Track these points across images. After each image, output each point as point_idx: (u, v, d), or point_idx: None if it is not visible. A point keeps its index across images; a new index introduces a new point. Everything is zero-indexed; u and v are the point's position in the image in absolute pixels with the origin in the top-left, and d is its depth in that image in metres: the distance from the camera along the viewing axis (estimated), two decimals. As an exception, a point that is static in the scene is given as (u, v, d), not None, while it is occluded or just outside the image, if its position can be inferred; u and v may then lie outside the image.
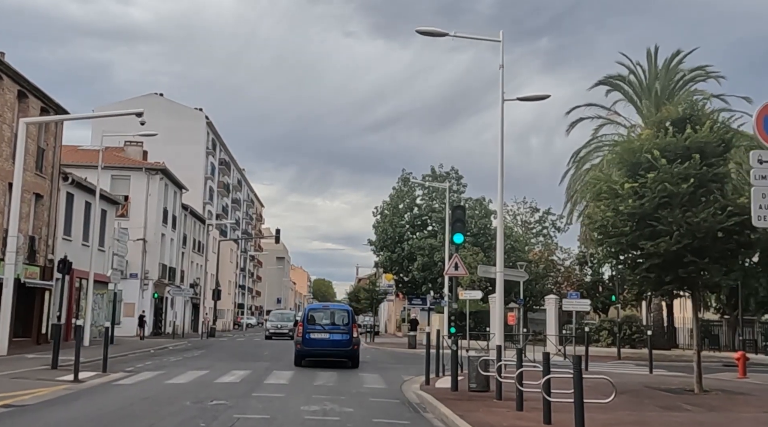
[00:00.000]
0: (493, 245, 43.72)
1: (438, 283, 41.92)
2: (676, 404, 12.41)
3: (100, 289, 33.62)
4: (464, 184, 45.87)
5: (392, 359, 25.70)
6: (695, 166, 13.60)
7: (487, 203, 45.44)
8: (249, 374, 16.96)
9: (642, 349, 33.66)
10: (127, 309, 43.58)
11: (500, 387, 12.31)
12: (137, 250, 44.12)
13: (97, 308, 34.01)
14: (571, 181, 34.74)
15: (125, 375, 16.57)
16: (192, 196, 62.57)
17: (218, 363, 20.49)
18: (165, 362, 21.24)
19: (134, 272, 44.04)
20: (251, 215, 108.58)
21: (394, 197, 45.41)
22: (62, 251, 29.65)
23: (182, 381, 15.11)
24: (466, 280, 38.64)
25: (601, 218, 14.64)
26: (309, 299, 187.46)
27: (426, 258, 41.73)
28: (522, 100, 17.84)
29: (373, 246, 45.05)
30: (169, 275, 48.38)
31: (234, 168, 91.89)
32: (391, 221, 44.08)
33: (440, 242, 41.94)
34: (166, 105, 73.09)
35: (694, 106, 15.32)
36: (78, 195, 31.43)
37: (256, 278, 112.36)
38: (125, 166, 45.11)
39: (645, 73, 33.31)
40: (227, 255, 74.32)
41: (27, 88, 25.63)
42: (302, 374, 17.30)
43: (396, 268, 44.32)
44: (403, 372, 18.83)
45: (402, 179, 46.20)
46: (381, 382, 16.09)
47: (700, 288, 14.54)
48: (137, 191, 44.62)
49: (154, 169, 45.14)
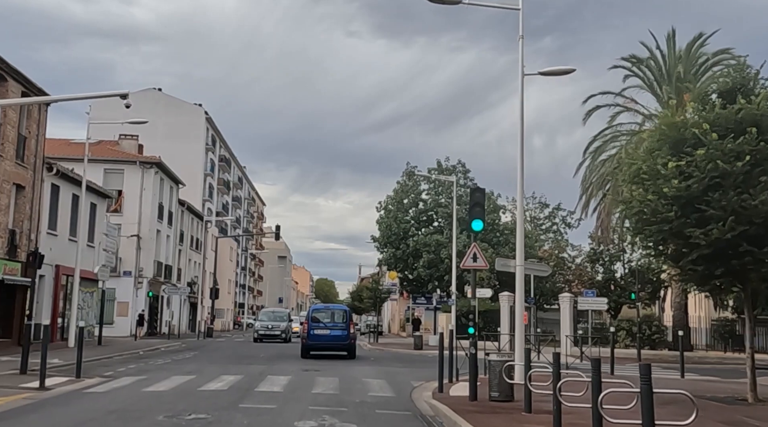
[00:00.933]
0: (502, 241, 41.95)
1: (445, 281, 39.99)
2: (737, 418, 10.57)
3: (90, 287, 31.87)
4: (471, 178, 43.97)
5: (398, 361, 23.87)
6: (751, 141, 11.76)
7: (496, 198, 43.60)
8: (240, 379, 15.16)
9: (662, 350, 31.85)
10: (121, 308, 41.85)
11: (530, 397, 10.47)
12: (131, 247, 42.39)
13: (86, 307, 32.23)
14: (586, 173, 32.87)
15: (101, 381, 14.77)
16: (191, 193, 60.97)
17: (209, 366, 18.68)
18: (151, 365, 19.45)
19: (128, 269, 42.32)
20: (252, 213, 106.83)
21: (399, 192, 43.56)
22: (47, 246, 27.91)
23: (162, 389, 13.32)
24: (474, 277, 36.78)
25: (640, 203, 12.78)
26: (311, 299, 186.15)
27: (432, 255, 39.86)
28: (544, 75, 16.04)
29: (377, 243, 43.17)
30: (165, 273, 46.63)
31: (234, 165, 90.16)
32: (395, 216, 42.23)
33: (447, 238, 40.09)
34: (164, 100, 71.50)
35: (744, 76, 13.43)
36: (64, 187, 29.65)
37: (258, 277, 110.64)
38: (118, 160, 43.37)
39: (664, 57, 31.42)
40: (227, 253, 72.56)
41: (5, 71, 23.85)
42: (300, 379, 15.50)
43: (401, 265, 42.45)
44: (412, 376, 17.03)
45: (406, 173, 44.35)
46: (388, 389, 14.28)
47: (755, 283, 12.66)
48: (131, 186, 42.89)
49: (149, 163, 43.38)
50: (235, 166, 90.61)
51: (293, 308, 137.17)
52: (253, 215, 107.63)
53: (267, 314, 42.00)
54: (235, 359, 22.41)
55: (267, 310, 47.86)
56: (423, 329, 44.94)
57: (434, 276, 40.48)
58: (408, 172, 44.30)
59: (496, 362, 12.18)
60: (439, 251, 39.52)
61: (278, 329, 38.25)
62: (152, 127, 63.29)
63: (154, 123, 67.60)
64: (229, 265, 74.41)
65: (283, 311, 45.60)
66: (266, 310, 48.08)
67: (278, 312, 43.38)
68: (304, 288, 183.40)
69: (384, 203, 44.10)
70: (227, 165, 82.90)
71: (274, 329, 38.15)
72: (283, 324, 39.03)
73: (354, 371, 18.26)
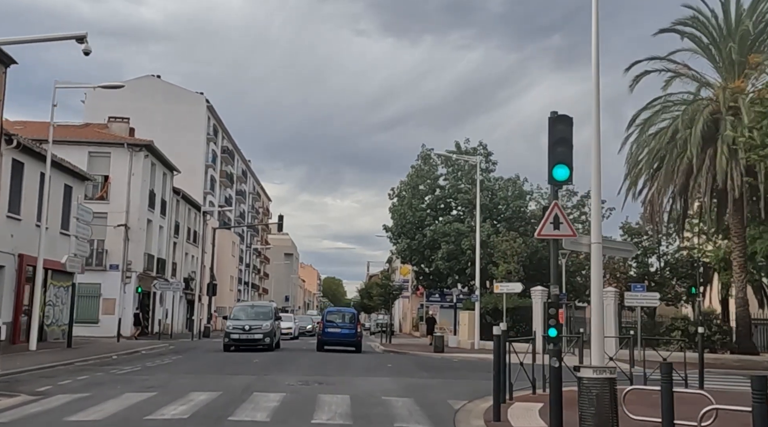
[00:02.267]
0: (530, 231, 37.61)
1: (467, 274, 35.85)
2: None
3: (63, 280, 27.86)
4: (494, 162, 39.77)
5: (420, 367, 19.67)
6: None
7: (522, 183, 39.28)
8: (214, 399, 11.00)
9: (724, 354, 27.56)
10: (107, 306, 37.83)
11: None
12: (119, 237, 38.41)
13: (60, 303, 28.22)
14: (632, 148, 28.49)
15: (24, 401, 10.70)
16: (192, 185, 57.33)
17: (181, 378, 14.53)
18: (110, 375, 15.30)
19: (115, 262, 38.32)
20: (257, 209, 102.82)
21: (414, 177, 39.29)
22: (6, 232, 23.88)
23: (94, 417, 9.19)
24: (501, 270, 32.57)
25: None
26: (319, 298, 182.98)
27: (452, 245, 35.58)
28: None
29: (390, 233, 38.91)
30: (158, 267, 42.58)
31: (238, 158, 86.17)
32: (410, 203, 37.97)
33: (469, 226, 35.88)
34: (164, 88, 67.70)
35: None
36: (31, 165, 25.58)
37: (263, 274, 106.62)
38: (104, 142, 39.32)
39: (727, 14, 27.08)
40: (228, 248, 68.53)
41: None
42: (296, 399, 11.32)
43: (416, 257, 38.17)
44: (445, 391, 12.89)
45: (422, 157, 40.07)
46: (420, 414, 10.09)
47: None
48: (119, 171, 38.84)
49: (138, 145, 39.29)
50: (239, 158, 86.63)
51: (299, 307, 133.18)
52: (258, 210, 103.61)
53: (243, 310, 29.29)
54: (220, 366, 18.24)
55: (243, 304, 33.49)
56: (438, 328, 40.81)
57: (454, 269, 36.25)
58: (423, 156, 40.05)
59: (593, 382, 7.91)
60: (459, 241, 35.29)
61: (258, 330, 26.49)
62: (150, 116, 59.94)
63: (153, 112, 64.31)
64: (231, 260, 70.36)
65: (266, 305, 31.83)
66: (242, 304, 33.56)
67: (259, 307, 30.47)
68: (311, 287, 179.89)
69: (397, 190, 39.91)
70: (230, 157, 78.92)
71: (253, 330, 26.46)
72: (266, 324, 27.11)
73: (369, 384, 14.07)
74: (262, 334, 26.38)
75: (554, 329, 8.39)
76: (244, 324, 26.72)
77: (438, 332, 31.42)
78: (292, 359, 21.21)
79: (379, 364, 20.37)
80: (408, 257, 38.49)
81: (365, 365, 19.75)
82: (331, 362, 20.09)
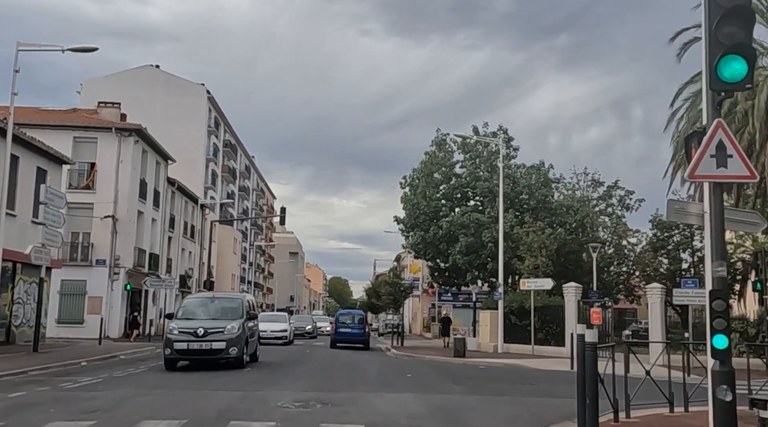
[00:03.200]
0: (555, 223, 34.21)
1: (487, 269, 32.40)
2: None
3: (35, 275, 24.60)
4: (515, 148, 36.30)
5: (445, 377, 16.31)
6: None
7: (547, 169, 35.79)
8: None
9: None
10: (93, 304, 34.61)
11: None
12: (106, 230, 35.21)
13: (32, 301, 24.96)
14: (679, 126, 25.01)
15: None
16: (192, 179, 54.44)
17: (143, 396, 11.20)
18: (53, 392, 11.94)
19: (102, 257, 35.11)
20: (261, 206, 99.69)
21: (427, 164, 35.82)
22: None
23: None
24: (527, 264, 29.17)
25: None
26: (324, 298, 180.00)
27: (471, 238, 32.12)
28: None
29: (402, 224, 35.48)
30: (150, 262, 39.34)
31: (241, 153, 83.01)
32: (423, 192, 34.55)
33: (490, 217, 32.49)
34: (163, 78, 64.71)
35: None
36: (-6, 143, 22.33)
37: (267, 273, 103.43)
38: (90, 126, 36.09)
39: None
40: (230, 245, 65.35)
41: None
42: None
43: (431, 252, 34.70)
44: (492, 416, 9.53)
45: (436, 142, 36.62)
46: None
47: None
48: (106, 158, 35.61)
49: (127, 130, 36.05)
50: (242, 153, 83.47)
51: (304, 307, 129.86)
52: (262, 207, 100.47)
53: (198, 305, 18.91)
54: (199, 377, 14.84)
55: (199, 296, 23.28)
56: (453, 330, 37.43)
57: (474, 264, 32.78)
58: (438, 142, 36.63)
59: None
60: (480, 233, 31.86)
61: (219, 336, 16.68)
62: (149, 107, 56.71)
63: (153, 103, 61.14)
64: (233, 257, 67.13)
65: (234, 298, 21.02)
66: (197, 296, 23.39)
67: (223, 300, 19.46)
68: (317, 287, 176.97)
69: (409, 178, 36.51)
70: (233, 152, 75.75)
71: (211, 336, 16.61)
72: (232, 326, 17.01)
73: (388, 404, 10.68)
74: (224, 341, 16.42)
75: (723, 338, 5.02)
76: (196, 327, 16.67)
77: (458, 334, 28.06)
78: (291, 366, 17.89)
79: (395, 373, 17.00)
80: (422, 251, 35.06)
81: (379, 374, 16.40)
82: (338, 370, 16.78)
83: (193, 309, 18.53)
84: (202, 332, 16.60)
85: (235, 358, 16.71)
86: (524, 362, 22.64)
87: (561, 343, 26.66)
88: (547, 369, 20.36)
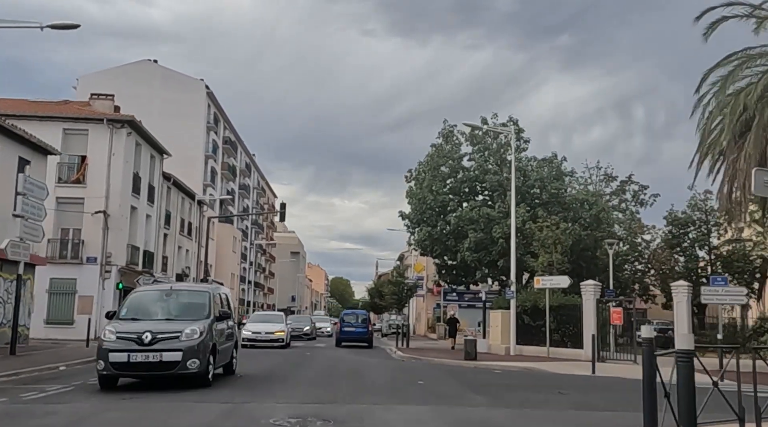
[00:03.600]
0: (569, 218, 32.52)
1: (498, 267, 30.70)
2: None
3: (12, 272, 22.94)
4: (526, 140, 34.59)
5: (462, 384, 14.62)
6: None
7: (560, 162, 34.07)
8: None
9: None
10: (83, 304, 32.99)
11: None
12: (97, 226, 33.61)
13: (11, 300, 23.28)
14: (705, 112, 23.26)
15: None
16: (190, 176, 53.09)
17: (110, 410, 9.46)
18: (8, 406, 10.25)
19: (93, 254, 33.50)
20: (262, 205, 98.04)
21: (434, 157, 34.10)
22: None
23: None
24: (541, 261, 27.49)
25: None
26: (326, 298, 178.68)
27: (481, 234, 30.39)
28: None
29: (408, 220, 33.76)
30: (145, 260, 37.71)
31: (241, 150, 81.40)
32: (430, 186, 32.84)
33: (500, 212, 30.79)
34: (161, 73, 63.25)
35: None
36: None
37: (268, 273, 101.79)
38: (80, 118, 34.48)
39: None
40: (229, 243, 63.73)
41: None
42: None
43: (438, 248, 32.94)
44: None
45: (443, 134, 34.91)
46: None
47: None
48: (97, 150, 34.01)
49: (119, 121, 34.41)
50: (242, 151, 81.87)
51: (306, 308, 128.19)
52: (263, 206, 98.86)
53: (147, 300, 13.94)
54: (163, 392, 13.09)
55: (150, 289, 16.23)
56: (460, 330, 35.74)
57: (483, 261, 31.07)
58: (445, 133, 34.93)
59: None
60: (490, 229, 30.16)
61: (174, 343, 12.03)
62: (146, 102, 55.05)
63: (150, 99, 59.54)
64: (232, 256, 65.49)
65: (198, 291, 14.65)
66: (147, 289, 16.44)
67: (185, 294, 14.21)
68: (319, 287, 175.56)
69: (415, 171, 34.82)
70: (233, 149, 74.15)
71: (161, 343, 11.99)
72: (195, 329, 12.33)
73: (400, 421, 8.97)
74: (179, 351, 11.87)
75: None
76: (141, 331, 12.06)
77: (468, 336, 26.36)
78: (286, 373, 16.20)
79: (406, 378, 15.29)
80: (428, 248, 33.33)
81: (387, 380, 14.70)
82: (341, 377, 15.09)
83: (142, 306, 13.40)
84: (149, 338, 11.76)
85: (195, 373, 11.93)
86: (541, 366, 20.99)
87: (578, 345, 24.96)
88: (568, 373, 18.73)
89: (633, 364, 22.42)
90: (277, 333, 29.18)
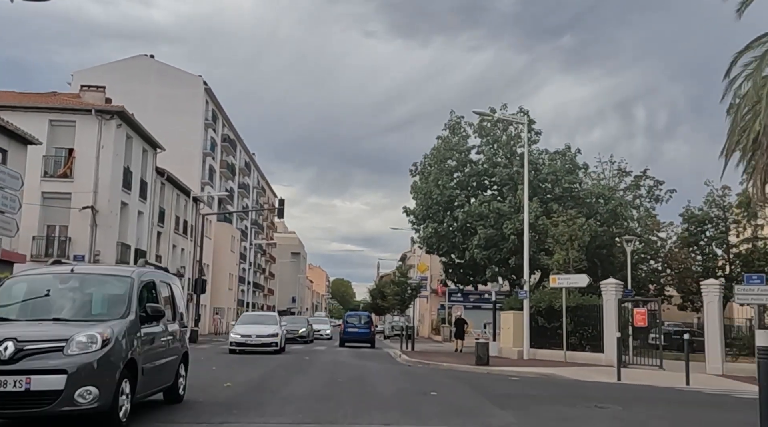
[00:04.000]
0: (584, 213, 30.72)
1: (510, 265, 28.96)
2: None
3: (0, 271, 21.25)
4: (537, 132, 32.85)
5: (477, 392, 12.86)
6: None
7: (574, 154, 32.30)
8: None
9: None
10: (70, 305, 31.21)
11: None
12: (85, 222, 31.92)
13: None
14: (737, 94, 21.50)
15: None
16: (188, 174, 51.68)
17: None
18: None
19: (80, 252, 31.78)
20: (262, 204, 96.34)
21: (440, 149, 32.34)
22: None
23: None
24: (557, 258, 25.71)
25: None
26: (327, 299, 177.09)
27: (491, 230, 28.59)
28: None
29: (413, 216, 31.98)
30: (136, 259, 35.90)
31: (241, 148, 79.75)
32: (436, 181, 31.09)
33: (512, 207, 29.02)
34: (157, 68, 61.73)
35: None
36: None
37: (268, 274, 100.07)
38: (68, 108, 32.82)
39: None
40: (227, 243, 61.99)
41: None
42: None
43: (445, 245, 31.13)
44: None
45: (450, 126, 33.13)
46: None
47: None
48: (86, 143, 32.36)
49: (108, 112, 32.72)
50: (241, 149, 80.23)
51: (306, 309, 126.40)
52: (263, 206, 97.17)
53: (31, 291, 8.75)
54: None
55: (37, 273, 9.66)
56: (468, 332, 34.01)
57: (493, 259, 29.28)
58: (452, 125, 33.15)
59: None
60: (500, 224, 28.38)
61: (53, 361, 7.11)
62: (142, 98, 53.28)
63: (147, 95, 57.83)
64: (231, 256, 63.74)
65: (119, 276, 9.10)
66: (32, 273, 9.85)
67: (93, 281, 9.10)
68: (320, 288, 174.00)
69: (420, 165, 33.06)
70: (232, 147, 72.49)
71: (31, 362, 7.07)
72: (92, 337, 7.36)
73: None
74: (61, 374, 7.06)
75: None
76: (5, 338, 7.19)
77: (479, 338, 24.60)
78: (282, 379, 14.43)
79: (415, 389, 13.50)
80: (435, 246, 31.52)
81: (395, 391, 12.91)
82: (342, 386, 13.32)
83: (17, 299, 8.60)
84: (11, 352, 7.07)
85: (91, 411, 7.18)
86: (559, 371, 19.23)
87: (598, 348, 23.18)
88: (591, 380, 16.99)
89: (658, 369, 20.67)
90: (270, 337, 25.88)
